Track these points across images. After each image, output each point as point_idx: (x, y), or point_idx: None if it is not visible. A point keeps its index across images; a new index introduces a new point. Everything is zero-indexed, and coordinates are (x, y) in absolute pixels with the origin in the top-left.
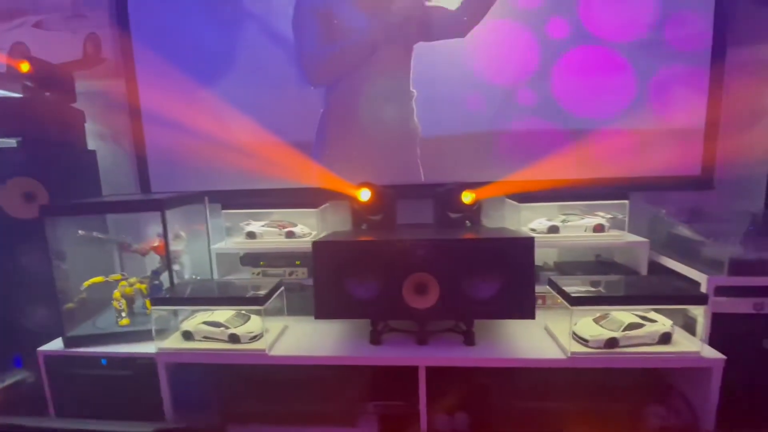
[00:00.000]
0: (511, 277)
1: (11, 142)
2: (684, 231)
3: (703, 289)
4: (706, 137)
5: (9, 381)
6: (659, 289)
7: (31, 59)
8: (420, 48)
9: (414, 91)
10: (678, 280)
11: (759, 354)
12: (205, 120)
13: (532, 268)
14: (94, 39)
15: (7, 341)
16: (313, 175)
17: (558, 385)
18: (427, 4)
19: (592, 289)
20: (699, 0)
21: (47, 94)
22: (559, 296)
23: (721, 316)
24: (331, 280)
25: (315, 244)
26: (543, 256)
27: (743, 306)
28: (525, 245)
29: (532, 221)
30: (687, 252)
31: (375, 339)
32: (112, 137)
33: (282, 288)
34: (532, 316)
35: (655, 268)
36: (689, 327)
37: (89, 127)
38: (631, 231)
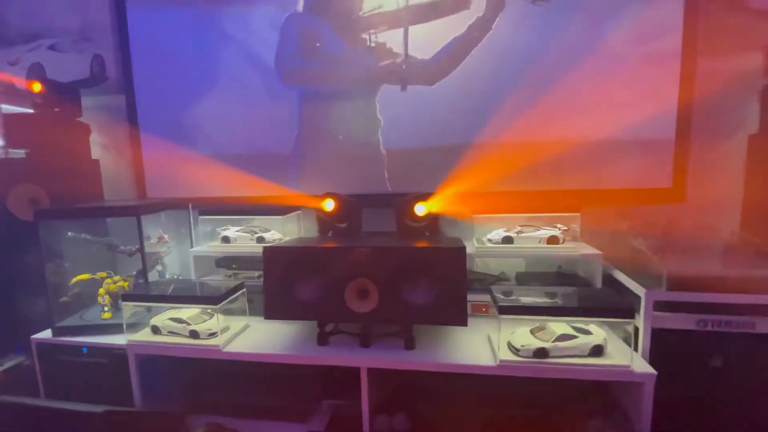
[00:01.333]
0: (444, 286)
1: (20, 153)
2: (640, 244)
3: (642, 303)
4: (676, 150)
5: (8, 364)
6: (596, 302)
7: (44, 80)
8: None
9: (381, 118)
10: (626, 293)
11: (705, 372)
12: (195, 132)
13: (463, 277)
14: (100, 60)
15: (9, 329)
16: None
17: (502, 393)
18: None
19: (549, 300)
20: (669, 13)
21: (56, 110)
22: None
23: (662, 332)
24: (279, 284)
25: (265, 249)
26: (508, 265)
27: (685, 322)
28: (455, 255)
29: (492, 231)
30: (637, 266)
31: (322, 340)
32: (114, 147)
33: (243, 290)
34: (464, 324)
35: (609, 280)
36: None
37: (94, 138)
38: (596, 243)
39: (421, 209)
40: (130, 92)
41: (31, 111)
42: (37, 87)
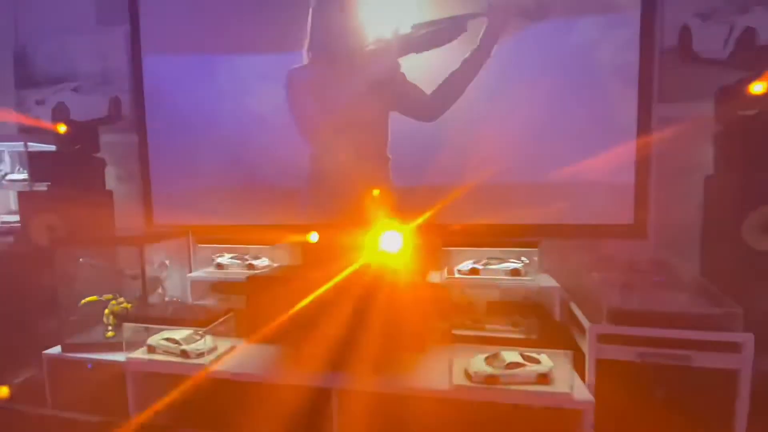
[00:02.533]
0: (406, 314)
1: (43, 186)
2: (595, 278)
3: (587, 335)
4: (636, 190)
5: (22, 377)
6: (544, 333)
7: (67, 119)
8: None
9: (390, 156)
10: (579, 325)
11: (651, 402)
12: (200, 166)
13: (423, 307)
14: (117, 101)
15: (23, 344)
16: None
17: (467, 417)
18: (407, 79)
19: (514, 328)
20: (627, 65)
21: (77, 147)
22: None
23: (606, 363)
24: (259, 309)
25: (248, 278)
26: (483, 294)
27: (627, 354)
28: (415, 287)
29: (462, 263)
30: (590, 299)
31: (297, 362)
32: (126, 179)
33: (231, 313)
34: (422, 350)
35: (569, 311)
36: (581, 371)
37: (109, 170)
38: (561, 275)
39: (393, 244)
40: (143, 130)
41: (53, 147)
42: (61, 128)
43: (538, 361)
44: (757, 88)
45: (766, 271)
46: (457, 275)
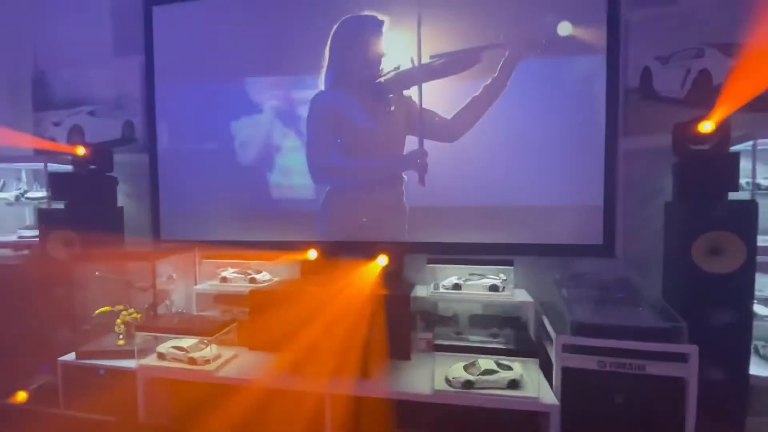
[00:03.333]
0: (393, 326)
1: (60, 204)
2: (564, 294)
3: (554, 345)
4: (605, 214)
5: (39, 383)
6: (515, 344)
7: (83, 141)
8: None
9: (405, 176)
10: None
11: (611, 407)
12: (205, 185)
13: (407, 319)
14: (130, 125)
15: (40, 351)
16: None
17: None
18: (423, 107)
19: (493, 339)
20: (593, 99)
21: (92, 167)
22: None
23: (571, 370)
24: (260, 319)
25: (250, 292)
26: (467, 308)
27: (588, 362)
28: (400, 301)
29: (447, 278)
30: (559, 313)
31: (294, 369)
32: (137, 196)
33: (235, 323)
34: (407, 358)
35: (541, 324)
36: (550, 378)
37: (120, 188)
38: (538, 291)
39: (382, 260)
40: (153, 152)
41: (70, 167)
42: (80, 151)
43: (510, 369)
44: (706, 126)
45: (713, 290)
46: (441, 290)
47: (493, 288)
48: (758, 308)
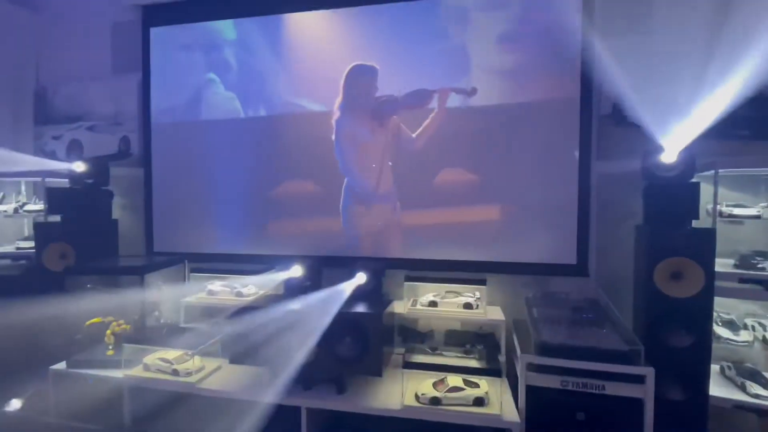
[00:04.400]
0: (365, 343)
1: (57, 217)
2: (534, 313)
3: (519, 364)
4: (579, 234)
5: (31, 392)
6: (489, 360)
7: (81, 155)
8: None
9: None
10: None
11: (573, 424)
12: (197, 199)
13: (379, 337)
14: (126, 140)
15: (33, 359)
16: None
17: None
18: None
19: (466, 356)
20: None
21: (89, 181)
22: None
23: (536, 389)
24: (239, 334)
25: (234, 307)
26: (446, 324)
27: (552, 381)
28: (372, 318)
29: (424, 295)
30: (527, 332)
31: (272, 382)
32: (131, 209)
33: (218, 337)
34: (378, 374)
35: (510, 342)
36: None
37: (116, 201)
38: (512, 309)
39: (362, 277)
40: (148, 166)
41: (67, 181)
42: (79, 167)
43: (477, 386)
44: (668, 156)
45: (674, 312)
46: (419, 306)
47: (467, 306)
48: (721, 330)
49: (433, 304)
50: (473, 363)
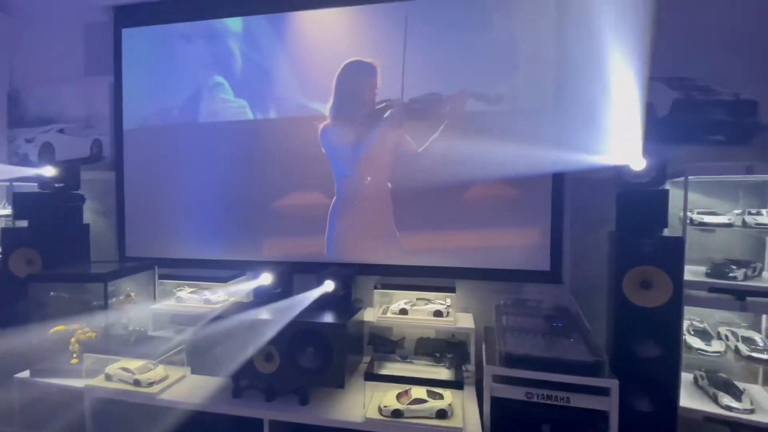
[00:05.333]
0: (328, 354)
1: (24, 223)
2: (503, 322)
3: (485, 375)
4: (552, 241)
5: None
6: (458, 370)
7: (52, 159)
8: None
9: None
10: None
11: None
12: (169, 203)
13: (342, 347)
14: (98, 143)
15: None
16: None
17: None
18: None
19: (438, 365)
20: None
21: (59, 185)
22: None
23: (501, 400)
24: (204, 344)
25: (201, 315)
26: (418, 332)
27: (517, 393)
28: (334, 328)
29: (395, 303)
30: (495, 341)
31: (236, 393)
32: (103, 213)
33: (182, 346)
34: (341, 386)
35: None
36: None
37: (88, 204)
38: (484, 316)
39: (329, 284)
40: (120, 170)
41: (36, 185)
42: (48, 172)
43: (442, 397)
44: (636, 165)
45: (643, 322)
46: (389, 314)
47: (438, 313)
48: (692, 340)
49: (403, 311)
50: (444, 371)
